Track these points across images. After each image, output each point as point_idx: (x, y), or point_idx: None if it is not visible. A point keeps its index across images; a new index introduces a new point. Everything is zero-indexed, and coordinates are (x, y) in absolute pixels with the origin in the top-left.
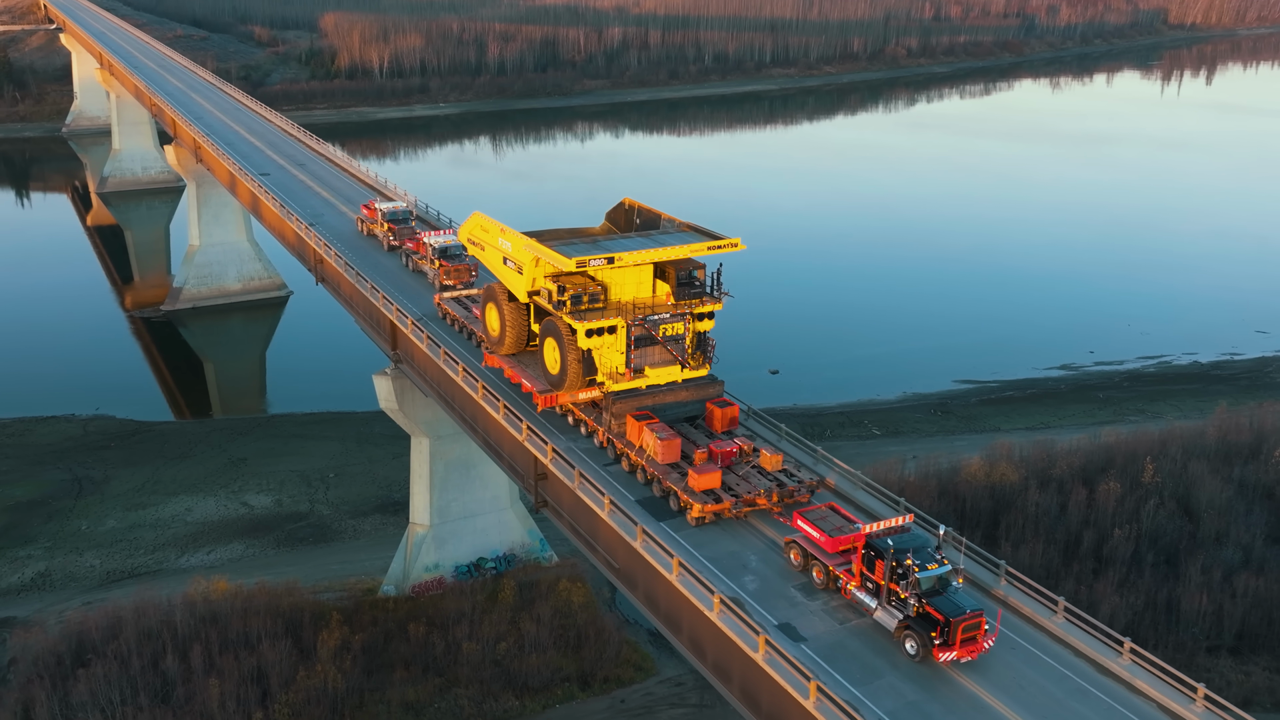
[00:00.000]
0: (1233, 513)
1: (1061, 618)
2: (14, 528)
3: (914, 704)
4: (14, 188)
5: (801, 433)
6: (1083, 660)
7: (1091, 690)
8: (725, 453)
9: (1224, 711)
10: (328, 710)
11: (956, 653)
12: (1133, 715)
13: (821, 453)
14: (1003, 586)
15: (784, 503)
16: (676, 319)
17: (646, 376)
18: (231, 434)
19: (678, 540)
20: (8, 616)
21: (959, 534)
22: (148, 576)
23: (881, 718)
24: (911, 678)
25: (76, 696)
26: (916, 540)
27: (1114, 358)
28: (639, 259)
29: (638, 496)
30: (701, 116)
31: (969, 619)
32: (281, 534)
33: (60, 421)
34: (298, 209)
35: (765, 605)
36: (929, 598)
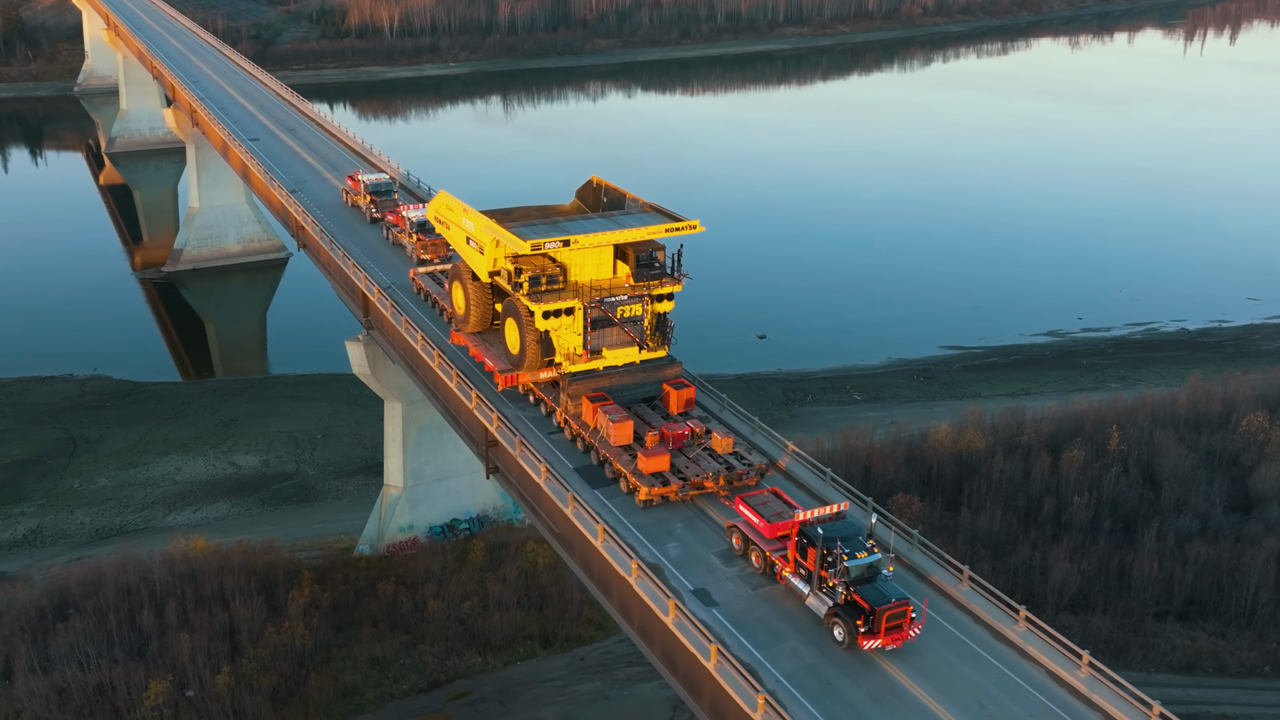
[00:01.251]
0: (1195, 481)
1: (966, 586)
2: (9, 485)
3: (811, 666)
4: (27, 147)
5: (783, 397)
6: (980, 626)
7: (983, 655)
8: (676, 435)
9: (1104, 677)
10: (294, 665)
11: (881, 640)
12: (1020, 679)
13: (775, 435)
14: (914, 555)
15: (731, 486)
16: (634, 301)
17: (604, 358)
18: (224, 395)
19: (610, 508)
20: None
21: (888, 514)
22: (135, 534)
23: (779, 680)
24: (813, 641)
25: (55, 649)
26: (849, 528)
27: (1101, 324)
28: (596, 241)
29: (576, 464)
30: (715, 76)
31: (894, 608)
32: (266, 494)
33: (59, 381)
34: (282, 175)
35: (684, 571)
36: (857, 586)
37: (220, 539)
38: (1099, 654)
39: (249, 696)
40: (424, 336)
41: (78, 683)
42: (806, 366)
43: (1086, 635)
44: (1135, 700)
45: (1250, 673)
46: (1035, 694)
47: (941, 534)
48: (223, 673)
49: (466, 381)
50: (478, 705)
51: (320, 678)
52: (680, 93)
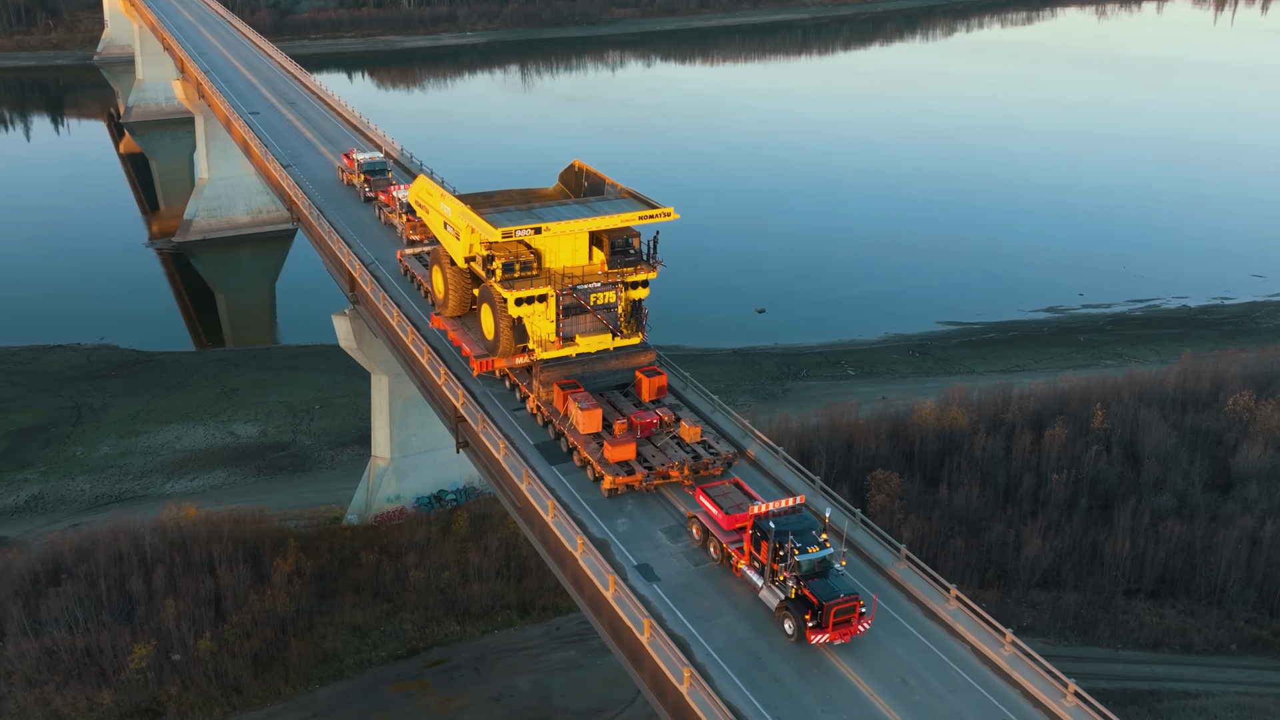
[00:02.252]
0: (1176, 460)
1: (904, 565)
2: (13, 452)
3: (742, 641)
4: (49, 115)
5: (777, 372)
6: (913, 604)
7: (912, 632)
8: (645, 424)
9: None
10: (276, 631)
11: (829, 635)
12: (945, 656)
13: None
14: (857, 534)
15: (696, 475)
16: (608, 288)
17: (577, 345)
18: (227, 365)
19: (565, 484)
20: (1, 536)
21: (832, 491)
22: (133, 501)
23: (709, 653)
24: (747, 617)
25: (46, 613)
26: (802, 522)
27: (1102, 300)
28: (568, 228)
29: (536, 441)
30: (734, 45)
31: (843, 603)
32: (263, 463)
33: (66, 350)
34: (277, 150)
35: (630, 547)
36: (807, 580)
37: (213, 507)
38: (1068, 630)
39: (230, 661)
40: (400, 313)
41: (66, 645)
42: (803, 341)
43: (1056, 611)
44: (1053, 679)
45: (1216, 650)
46: (958, 670)
47: (918, 510)
48: (205, 638)
49: (438, 358)
50: (454, 672)
51: (301, 644)
52: (701, 62)
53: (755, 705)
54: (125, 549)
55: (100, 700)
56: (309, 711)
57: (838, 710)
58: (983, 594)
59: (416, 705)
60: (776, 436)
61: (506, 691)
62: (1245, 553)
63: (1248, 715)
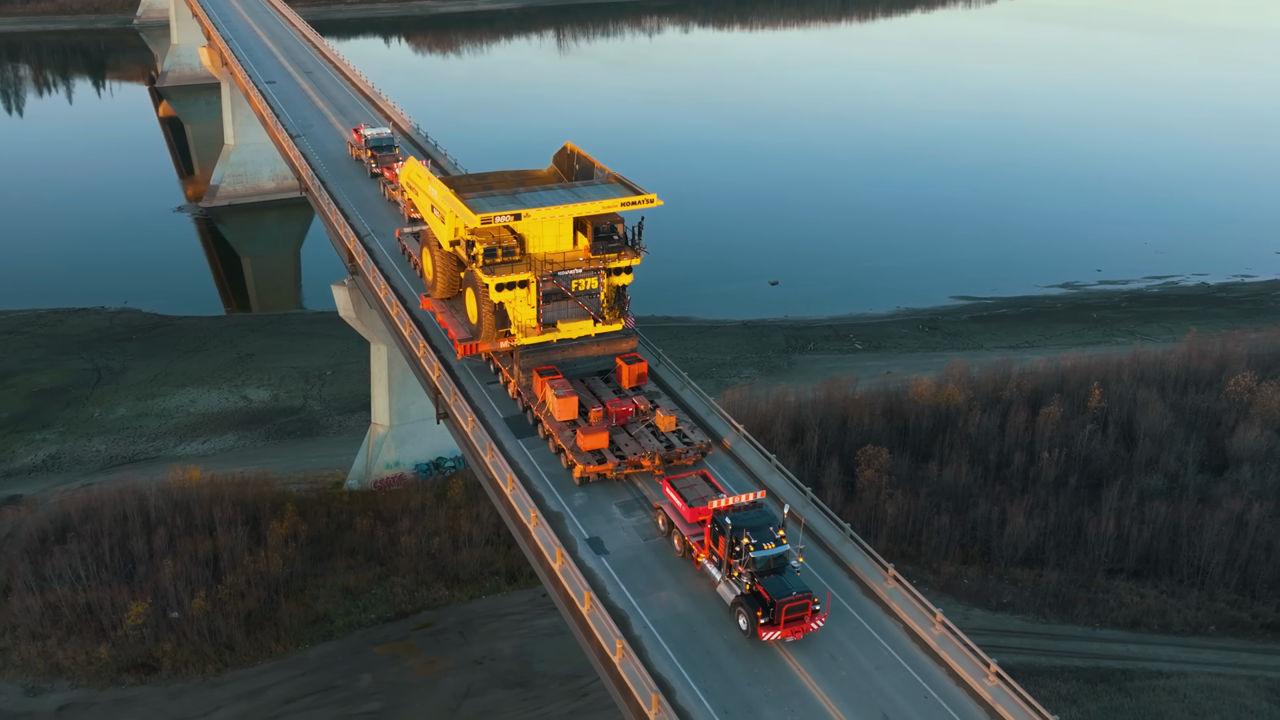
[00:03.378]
0: (1171, 440)
1: (849, 544)
2: (35, 412)
3: (682, 615)
4: (90, 78)
5: (784, 344)
6: (853, 581)
7: (848, 609)
8: (620, 411)
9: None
10: (268, 592)
11: (780, 632)
12: (877, 634)
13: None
14: (807, 512)
15: (668, 465)
16: (589, 274)
17: (558, 330)
18: (244, 330)
19: (529, 457)
20: (16, 494)
21: (784, 469)
22: (145, 463)
23: (647, 625)
24: (688, 593)
25: (51, 570)
26: (761, 518)
27: (1120, 277)
28: (549, 214)
29: (506, 414)
30: (772, 10)
31: (794, 600)
32: (273, 427)
33: (90, 313)
34: (289, 120)
35: (584, 520)
36: (761, 577)
37: (219, 470)
38: (1047, 608)
39: (223, 620)
40: (387, 286)
41: (69, 601)
42: (814, 314)
43: (1037, 589)
44: (977, 658)
45: (1195, 631)
46: (887, 648)
47: (906, 486)
48: (200, 597)
49: (419, 331)
50: (439, 635)
51: (293, 604)
52: (739, 28)
53: (684, 677)
54: (130, 509)
55: (98, 655)
56: (298, 670)
57: (764, 683)
58: (965, 570)
59: (401, 666)
60: (772, 411)
61: (489, 655)
62: (1229, 534)
63: (1218, 696)
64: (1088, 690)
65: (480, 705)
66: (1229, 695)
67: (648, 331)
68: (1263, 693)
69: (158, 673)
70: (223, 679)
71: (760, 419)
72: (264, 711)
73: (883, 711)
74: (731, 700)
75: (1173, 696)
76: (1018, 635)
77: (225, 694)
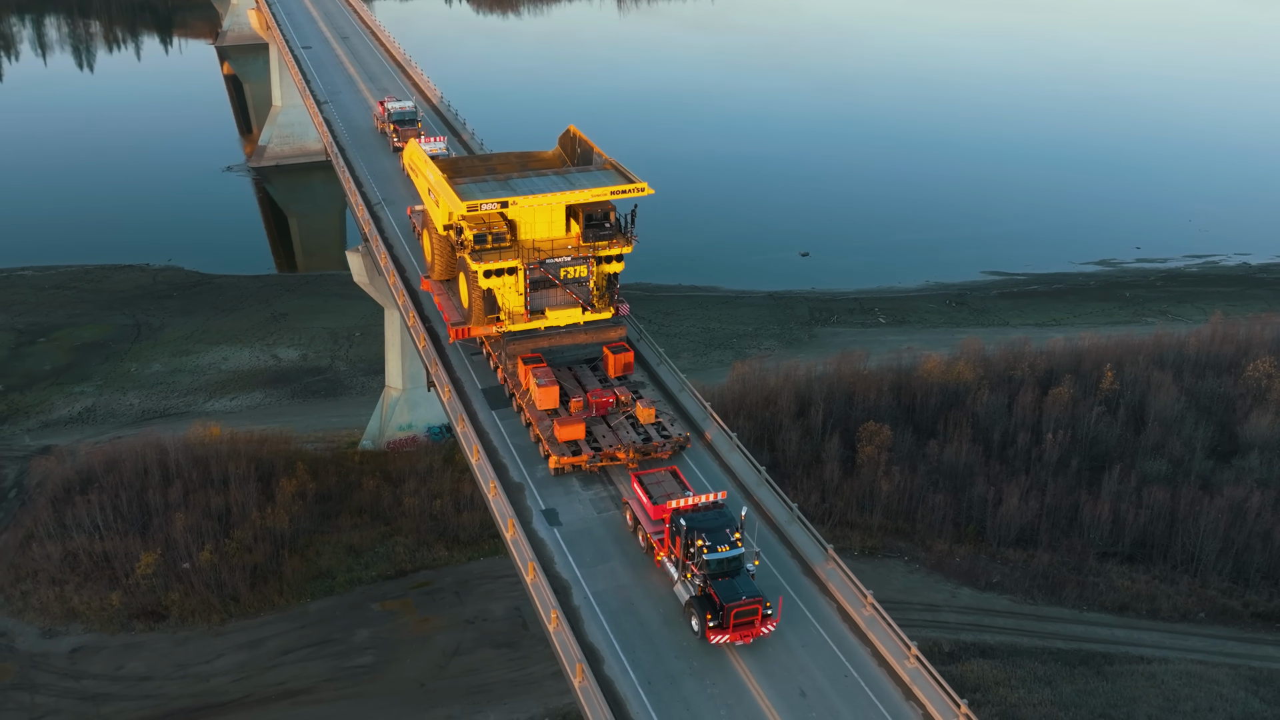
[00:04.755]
0: (1181, 425)
1: (797, 524)
2: (75, 366)
3: (621, 587)
4: (158, 36)
5: (808, 317)
6: (795, 561)
7: (785, 587)
8: (601, 402)
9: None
10: (274, 547)
11: (729, 636)
12: (809, 613)
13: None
14: (760, 490)
15: (645, 458)
16: (578, 262)
17: (546, 318)
18: (280, 289)
19: (500, 429)
20: (51, 444)
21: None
22: (175, 417)
23: (587, 596)
24: (632, 565)
25: (72, 519)
26: (718, 519)
27: (1159, 255)
28: (538, 203)
29: (484, 385)
30: None
31: (745, 605)
32: (298, 386)
33: (135, 270)
34: (319, 86)
35: (543, 492)
36: (714, 579)
37: (240, 427)
38: (1035, 589)
39: (229, 573)
40: (388, 255)
41: (86, 550)
42: (841, 286)
43: (1028, 570)
44: (900, 640)
45: (1183, 618)
46: (817, 627)
47: (905, 463)
48: (207, 550)
49: (411, 301)
50: (435, 594)
51: (297, 560)
52: None
53: (615, 648)
54: (150, 464)
55: (111, 601)
56: (299, 623)
57: (689, 656)
58: (957, 549)
59: (396, 623)
60: (780, 385)
61: (481, 615)
62: (1226, 522)
63: (1195, 684)
64: (1065, 672)
65: (468, 663)
66: (1206, 683)
67: (671, 300)
68: (1242, 682)
69: (166, 620)
70: (226, 629)
71: (768, 392)
72: (262, 661)
73: (800, 688)
74: (656, 671)
75: (1150, 682)
76: (1003, 615)
77: (228, 643)
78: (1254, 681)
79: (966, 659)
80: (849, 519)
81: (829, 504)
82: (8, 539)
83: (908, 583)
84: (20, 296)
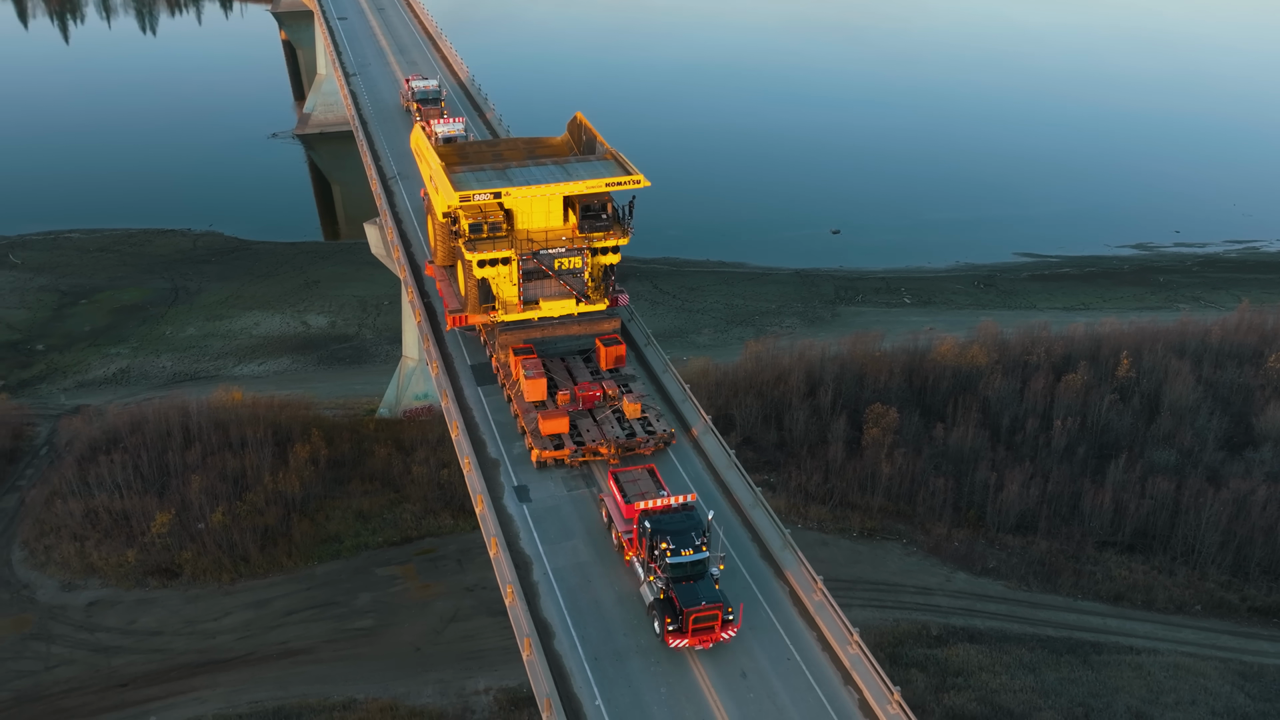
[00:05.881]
0: (1195, 415)
1: (759, 508)
2: (113, 328)
3: (581, 564)
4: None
5: (832, 295)
6: (754, 543)
7: (741, 569)
8: (587, 396)
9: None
10: (285, 510)
11: (688, 640)
12: (762, 597)
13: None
14: (729, 474)
15: (630, 454)
16: (573, 253)
17: (540, 308)
18: (315, 257)
19: (484, 405)
20: (84, 404)
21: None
22: (205, 380)
23: (547, 571)
24: (592, 543)
25: (94, 478)
26: (685, 523)
27: (1198, 239)
28: (533, 193)
29: (473, 361)
30: None
31: (704, 610)
32: (325, 353)
33: (176, 235)
34: (349, 59)
35: (517, 468)
36: (676, 583)
37: (269, 391)
38: (1031, 576)
39: (240, 534)
40: (394, 230)
41: (106, 508)
42: (869, 265)
43: (1025, 557)
44: (843, 625)
45: (1179, 610)
46: (767, 610)
47: (909, 446)
48: (219, 511)
49: (411, 276)
50: (438, 561)
51: (307, 523)
52: None
53: (568, 624)
54: (174, 426)
55: (127, 558)
56: (305, 585)
57: (638, 634)
58: (956, 533)
59: (398, 588)
60: (791, 364)
61: (480, 584)
62: (1229, 514)
63: (1181, 676)
64: (1050, 659)
65: (463, 629)
66: (1193, 676)
67: (697, 276)
68: (1230, 676)
69: (178, 578)
70: (235, 588)
71: (780, 371)
72: (267, 620)
73: (742, 669)
74: (604, 648)
75: (1136, 672)
76: (996, 600)
77: (236, 602)
78: (1242, 676)
79: (954, 643)
80: (850, 500)
81: (831, 484)
82: (35, 495)
83: (904, 565)
84: (66, 258)
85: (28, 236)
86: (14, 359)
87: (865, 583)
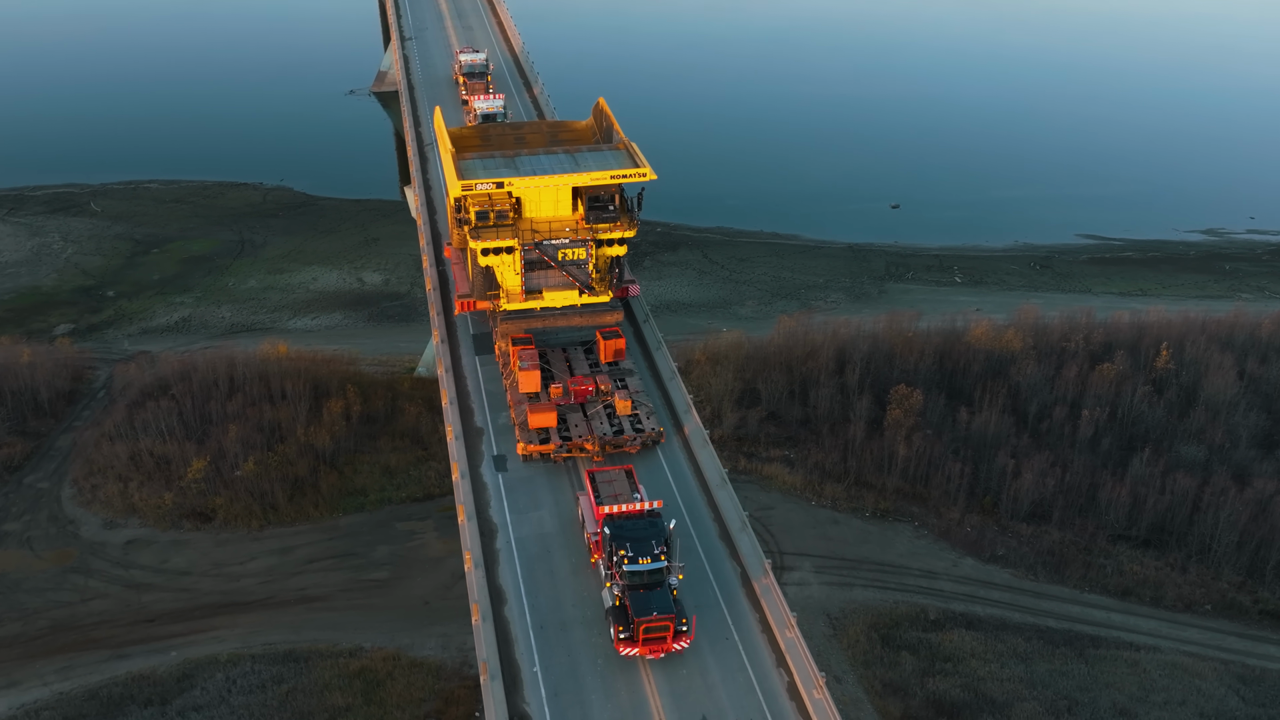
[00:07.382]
0: (1231, 411)
1: (727, 488)
2: (180, 277)
3: (543, 535)
4: None
5: (883, 271)
6: (716, 524)
7: (698, 548)
8: (580, 390)
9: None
10: (315, 462)
11: (638, 649)
12: (713, 576)
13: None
14: (703, 452)
15: (616, 452)
16: (577, 244)
17: (543, 298)
18: (377, 215)
19: (479, 374)
20: (145, 350)
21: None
22: (260, 332)
23: (510, 540)
24: (557, 514)
25: (141, 423)
26: (647, 530)
27: (1274, 226)
28: (538, 184)
29: (475, 331)
30: None
31: (655, 621)
32: (376, 310)
33: (247, 189)
34: (407, 21)
35: (499, 438)
36: (632, 591)
37: (318, 346)
38: (1040, 566)
39: (269, 483)
40: (420, 197)
41: (149, 451)
42: (925, 241)
43: (1036, 546)
44: (784, 611)
45: (1187, 608)
46: (715, 589)
47: (931, 429)
48: (250, 460)
49: (429, 244)
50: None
51: (335, 476)
52: None
53: (521, 592)
54: (220, 375)
55: (164, 501)
56: (329, 535)
57: (585, 606)
58: (968, 519)
59: (416, 542)
60: (822, 341)
61: None
62: (1249, 514)
63: (1176, 675)
64: (1045, 650)
65: None
66: (1189, 676)
67: (748, 247)
68: (1228, 679)
69: (211, 522)
70: (263, 534)
71: (811, 347)
72: (289, 567)
73: None
74: (551, 617)
75: (1131, 669)
76: (1000, 588)
77: (262, 548)
78: (1240, 680)
79: (950, 628)
80: (866, 479)
81: (849, 463)
82: (88, 436)
83: (912, 548)
84: (142, 208)
85: (110, 185)
86: (86, 304)
87: (870, 563)
